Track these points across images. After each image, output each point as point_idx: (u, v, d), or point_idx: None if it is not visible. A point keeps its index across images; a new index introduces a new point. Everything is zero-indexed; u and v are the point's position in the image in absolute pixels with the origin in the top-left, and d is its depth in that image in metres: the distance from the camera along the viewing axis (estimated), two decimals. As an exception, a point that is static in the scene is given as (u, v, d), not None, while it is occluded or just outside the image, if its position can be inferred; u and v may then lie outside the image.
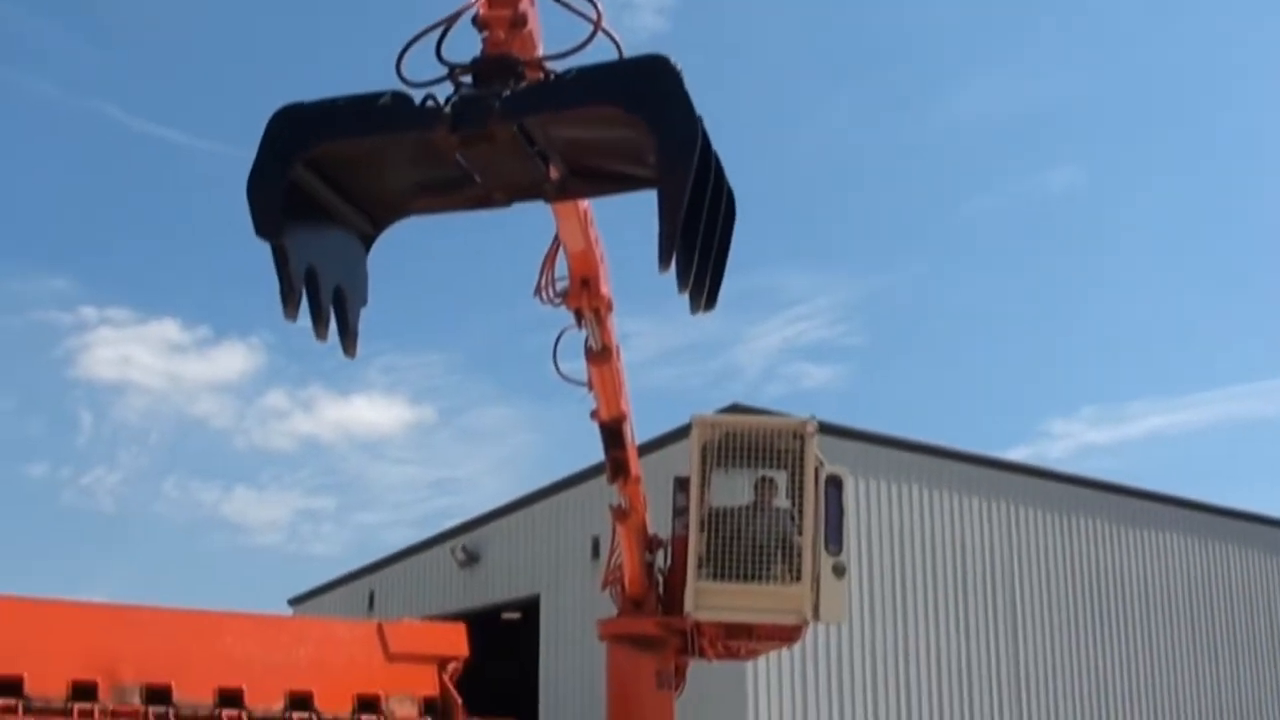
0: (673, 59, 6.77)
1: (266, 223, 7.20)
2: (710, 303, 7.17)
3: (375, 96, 7.28)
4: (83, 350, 79.48)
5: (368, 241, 8.02)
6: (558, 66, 7.11)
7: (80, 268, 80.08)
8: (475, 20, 7.55)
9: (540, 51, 7.63)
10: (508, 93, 7.08)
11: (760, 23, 69.76)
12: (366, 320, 7.95)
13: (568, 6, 7.61)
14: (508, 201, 7.67)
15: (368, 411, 74.44)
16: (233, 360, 75.34)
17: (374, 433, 74.83)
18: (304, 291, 7.38)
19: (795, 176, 67.74)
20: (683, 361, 65.05)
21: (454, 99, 7.19)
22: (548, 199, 7.76)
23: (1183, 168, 70.26)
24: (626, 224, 7.04)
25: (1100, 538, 37.01)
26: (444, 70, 7.37)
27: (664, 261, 6.71)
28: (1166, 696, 37.39)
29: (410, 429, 73.26)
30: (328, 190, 7.59)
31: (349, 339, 7.80)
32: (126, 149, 73.34)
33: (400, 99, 7.20)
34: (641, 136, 6.76)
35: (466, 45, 7.51)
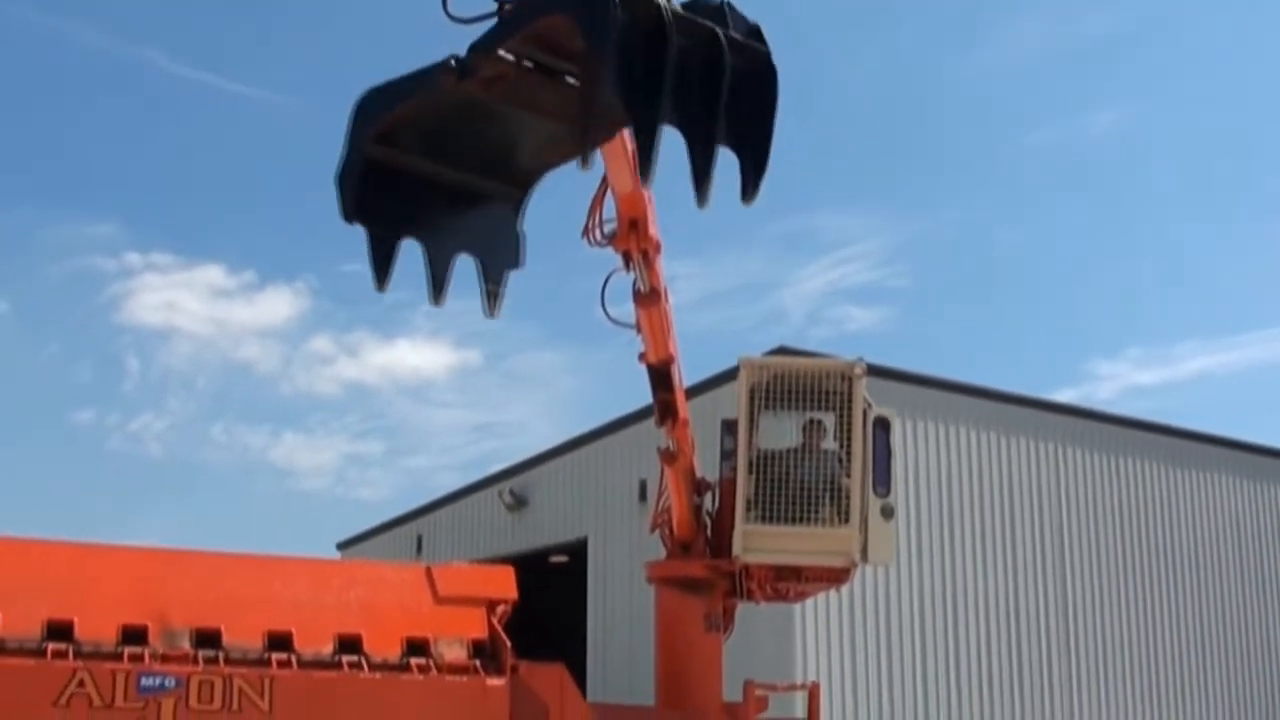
0: None
1: (348, 206, 7.58)
2: (747, 194, 7.23)
3: (427, 68, 7.50)
4: (127, 296, 79.82)
5: (516, 206, 8.34)
6: None
7: (124, 214, 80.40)
8: None
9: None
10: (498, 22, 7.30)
11: (804, -37, 69.31)
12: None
13: None
14: (598, 142, 7.78)
15: (412, 355, 74.68)
16: (278, 305, 75.60)
17: (418, 377, 75.07)
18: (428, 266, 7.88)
19: (839, 119, 67.40)
20: (728, 304, 65.00)
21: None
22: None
23: (1228, 105, 69.60)
24: (673, 165, 6.98)
25: (1147, 478, 36.86)
26: (493, 5, 7.41)
27: (585, 155, 6.89)
28: (1215, 636, 37.27)
29: (455, 373, 73.49)
30: (453, 169, 7.89)
31: (492, 299, 8.16)
32: (171, 96, 73.50)
33: (440, 64, 7.40)
34: None
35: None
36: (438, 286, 8.35)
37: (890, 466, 15.63)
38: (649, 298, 12.53)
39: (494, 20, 7.41)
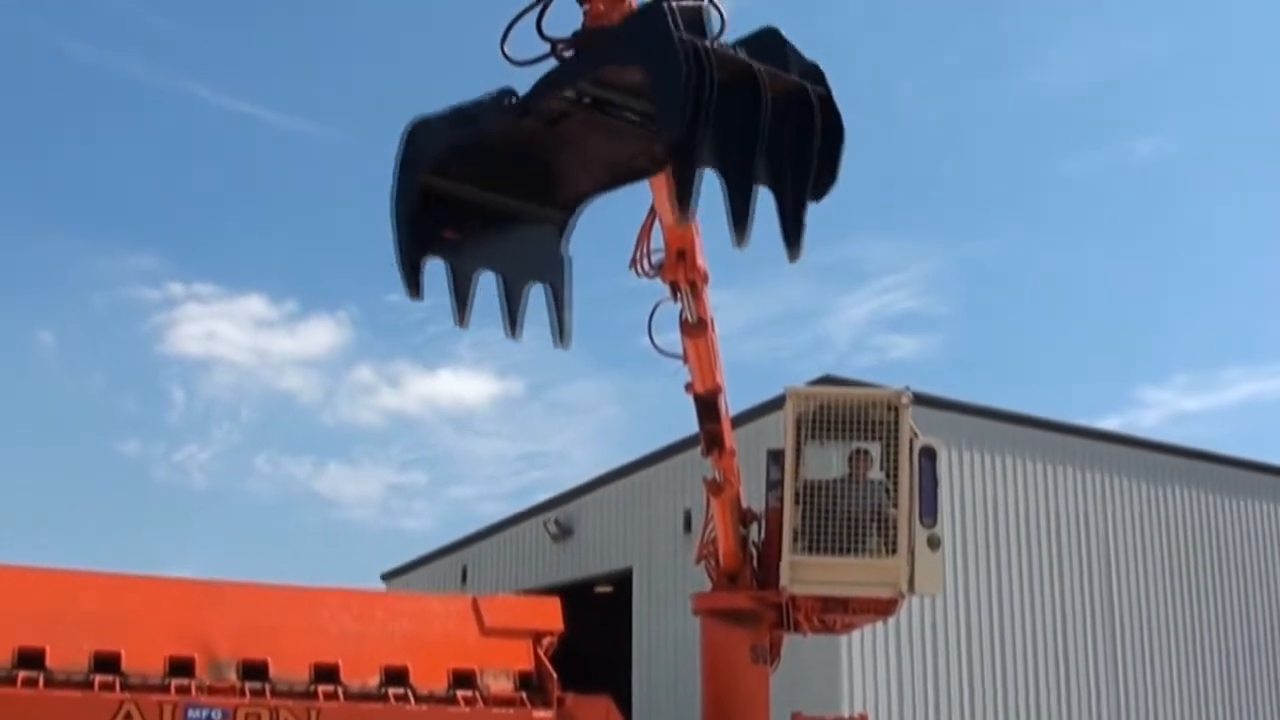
0: (669, 4, 6.82)
1: (406, 249, 7.60)
2: (792, 251, 7.21)
3: (479, 100, 7.49)
4: (170, 326, 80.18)
5: (561, 231, 8.37)
6: None
7: (167, 244, 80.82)
8: None
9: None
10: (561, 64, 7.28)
11: (846, -9, 69.37)
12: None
13: None
14: (658, 167, 7.77)
15: (454, 385, 74.74)
16: (320, 335, 75.73)
17: (461, 406, 75.12)
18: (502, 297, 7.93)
19: (880, 146, 67.32)
20: (772, 333, 64.90)
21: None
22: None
23: (1271, 131, 69.26)
24: (716, 197, 6.98)
25: (1195, 507, 36.63)
26: (546, 47, 7.42)
27: (683, 209, 6.92)
28: (1266, 666, 36.97)
29: (498, 402, 73.53)
30: (501, 196, 7.92)
31: (562, 330, 8.20)
32: (214, 127, 73.85)
33: (494, 97, 7.38)
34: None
35: (569, 19, 7.54)
36: (513, 319, 8.37)
37: (937, 496, 15.55)
38: (696, 328, 12.51)
39: (548, 59, 7.45)
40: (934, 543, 15.31)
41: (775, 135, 6.98)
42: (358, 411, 75.05)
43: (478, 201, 8.08)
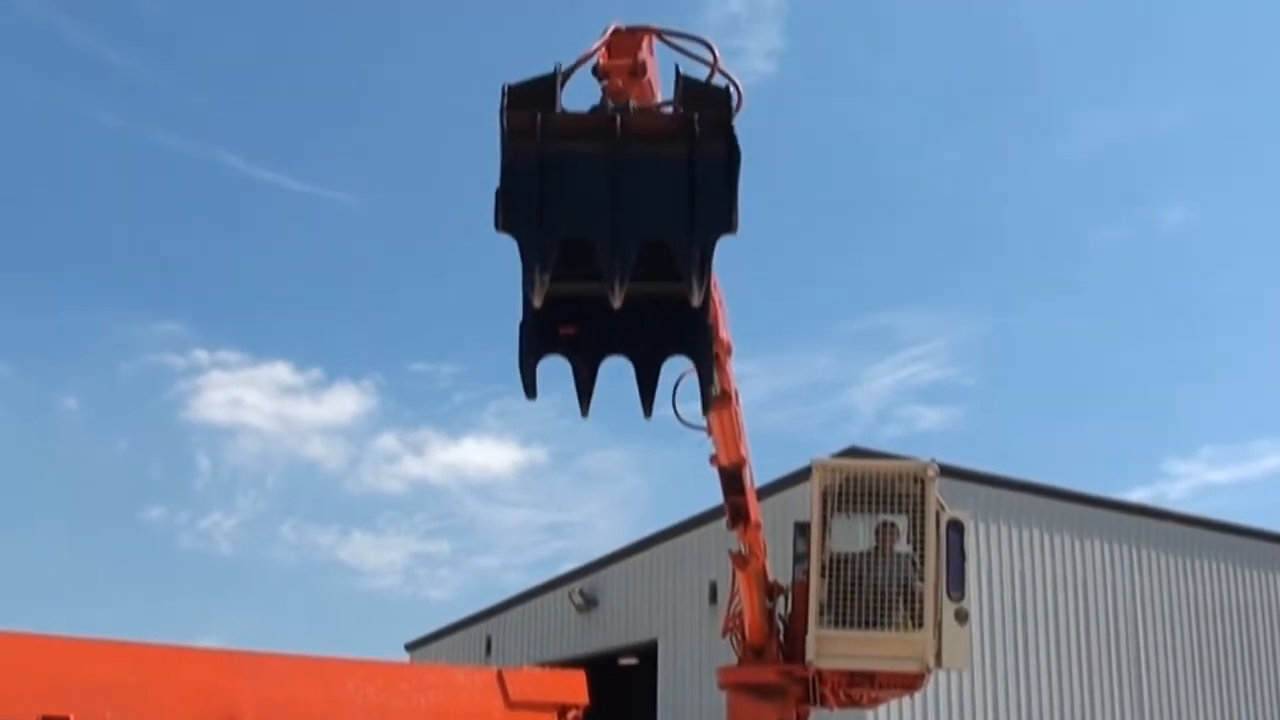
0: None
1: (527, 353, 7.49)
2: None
3: None
4: (194, 393, 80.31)
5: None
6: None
7: (193, 311, 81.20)
8: (595, 70, 7.54)
9: (659, 98, 7.60)
10: None
11: (870, 62, 69.72)
12: (499, 368, 8.18)
13: (685, 53, 7.61)
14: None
15: (478, 453, 74.74)
16: (345, 403, 75.84)
17: (485, 475, 75.10)
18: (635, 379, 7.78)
19: (906, 217, 67.43)
20: (796, 403, 64.81)
21: None
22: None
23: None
24: (742, 267, 6.97)
25: (1224, 580, 36.43)
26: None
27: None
28: (1296, 742, 36.70)
29: (522, 472, 73.52)
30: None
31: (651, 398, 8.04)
32: (242, 196, 74.28)
33: None
34: None
35: (587, 92, 7.52)
36: (646, 398, 8.11)
37: (964, 570, 15.47)
38: (720, 400, 12.45)
39: None
40: (961, 616, 15.22)
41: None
42: (382, 480, 75.12)
43: (590, 293, 7.77)
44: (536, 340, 7.57)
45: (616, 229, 6.83)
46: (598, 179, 6.82)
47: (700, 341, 7.86)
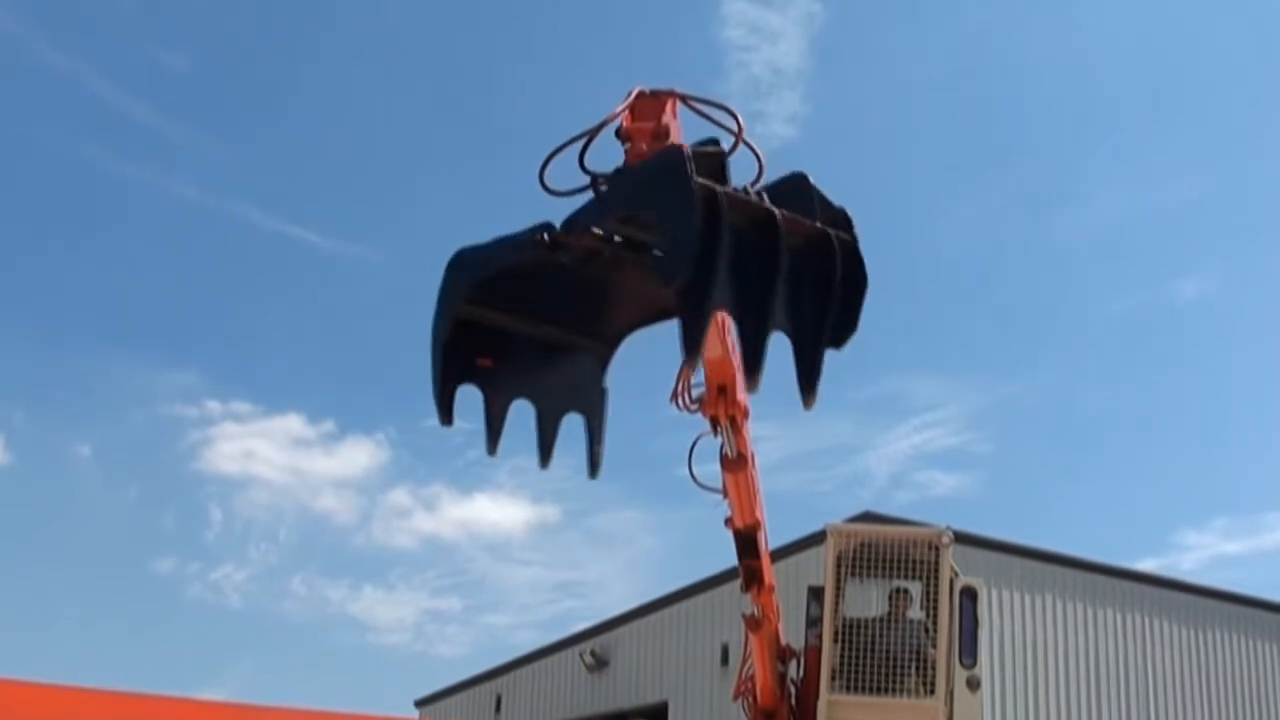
0: (686, 150, 6.86)
1: (441, 377, 7.69)
2: (808, 399, 7.17)
3: (519, 233, 7.54)
4: (206, 444, 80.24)
5: (603, 364, 8.39)
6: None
7: (206, 362, 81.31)
8: (618, 132, 7.61)
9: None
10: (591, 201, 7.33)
11: (888, 129, 69.84)
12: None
13: (708, 119, 7.68)
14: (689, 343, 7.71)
15: (491, 510, 74.64)
16: (357, 456, 75.76)
17: (497, 532, 74.95)
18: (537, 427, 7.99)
19: (924, 284, 67.47)
20: (812, 466, 64.61)
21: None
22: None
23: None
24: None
25: (1236, 651, 36.27)
26: (586, 179, 7.47)
27: (689, 356, 6.89)
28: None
29: (534, 530, 73.30)
30: (538, 326, 7.98)
31: (596, 461, 8.24)
32: (259, 247, 74.47)
33: (529, 231, 7.45)
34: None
35: (610, 154, 7.59)
36: (546, 449, 8.39)
37: (977, 637, 15.47)
38: (736, 463, 12.47)
39: (587, 190, 7.49)
40: (973, 684, 15.22)
41: (794, 281, 6.97)
42: (393, 535, 74.93)
43: (515, 331, 8.11)
44: (452, 365, 7.82)
45: (758, 314, 6.96)
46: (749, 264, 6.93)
47: (596, 405, 8.19)
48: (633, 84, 8.07)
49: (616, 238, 7.47)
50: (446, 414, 7.96)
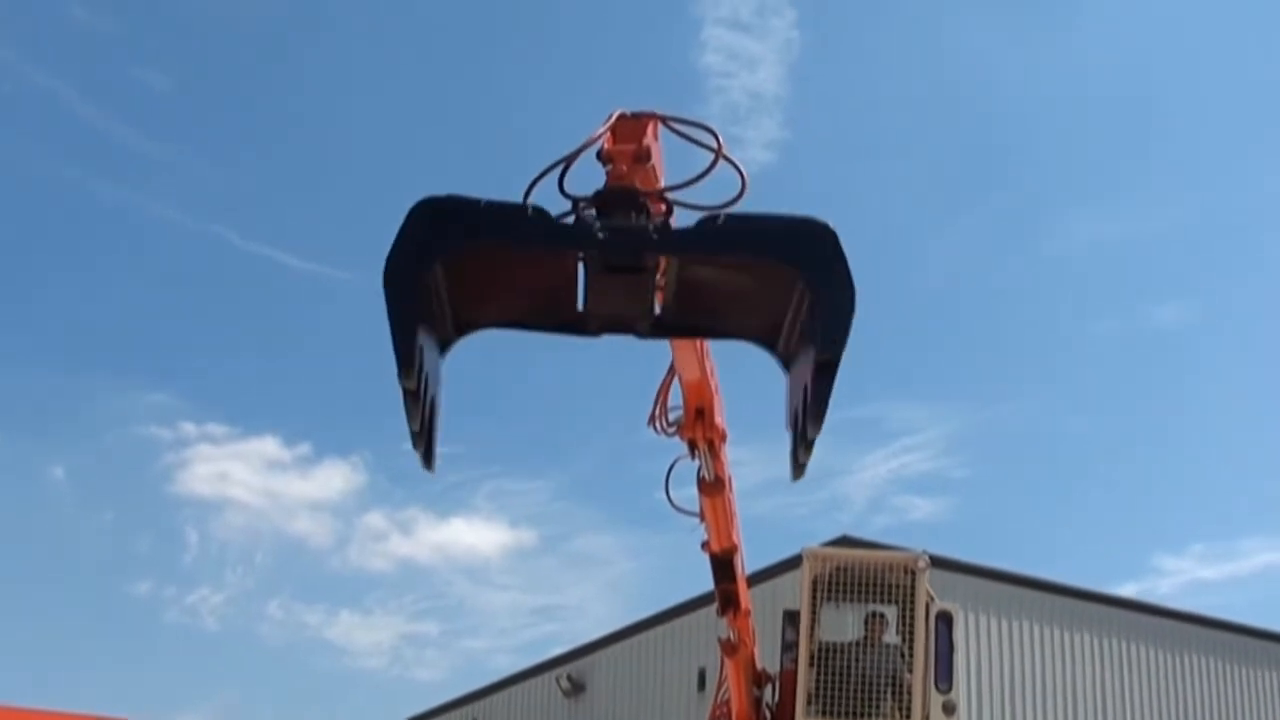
0: (830, 224, 6.70)
1: (404, 344, 6.81)
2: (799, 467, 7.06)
3: (521, 207, 7.08)
4: (181, 466, 79.94)
5: (444, 347, 7.51)
6: (680, 196, 7.06)
7: (181, 383, 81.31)
8: (599, 154, 7.60)
9: (663, 183, 7.61)
10: (661, 226, 6.95)
11: (867, 154, 70.06)
12: (494, 450, 8.02)
13: (688, 138, 7.66)
14: (599, 331, 7.47)
15: (467, 534, 74.58)
16: (333, 479, 75.61)
17: (474, 556, 74.87)
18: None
19: (902, 309, 67.59)
20: (789, 491, 64.61)
21: (600, 226, 7.12)
22: (641, 334, 7.55)
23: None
24: (737, 353, 6.96)
25: (1213, 676, 36.35)
26: (567, 204, 7.43)
27: (810, 431, 6.68)
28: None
29: (511, 554, 73.24)
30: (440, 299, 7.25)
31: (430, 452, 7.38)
32: (238, 270, 74.34)
33: (547, 215, 7.00)
34: (766, 291, 6.74)
35: (589, 177, 7.57)
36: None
37: (953, 661, 15.48)
38: (714, 486, 12.46)
39: (568, 215, 7.42)
40: (949, 709, 15.22)
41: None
42: (369, 558, 74.76)
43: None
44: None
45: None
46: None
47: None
48: (613, 110, 8.08)
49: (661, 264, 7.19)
50: (409, 365, 6.89)
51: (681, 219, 6.86)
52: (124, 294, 73.81)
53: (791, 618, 15.60)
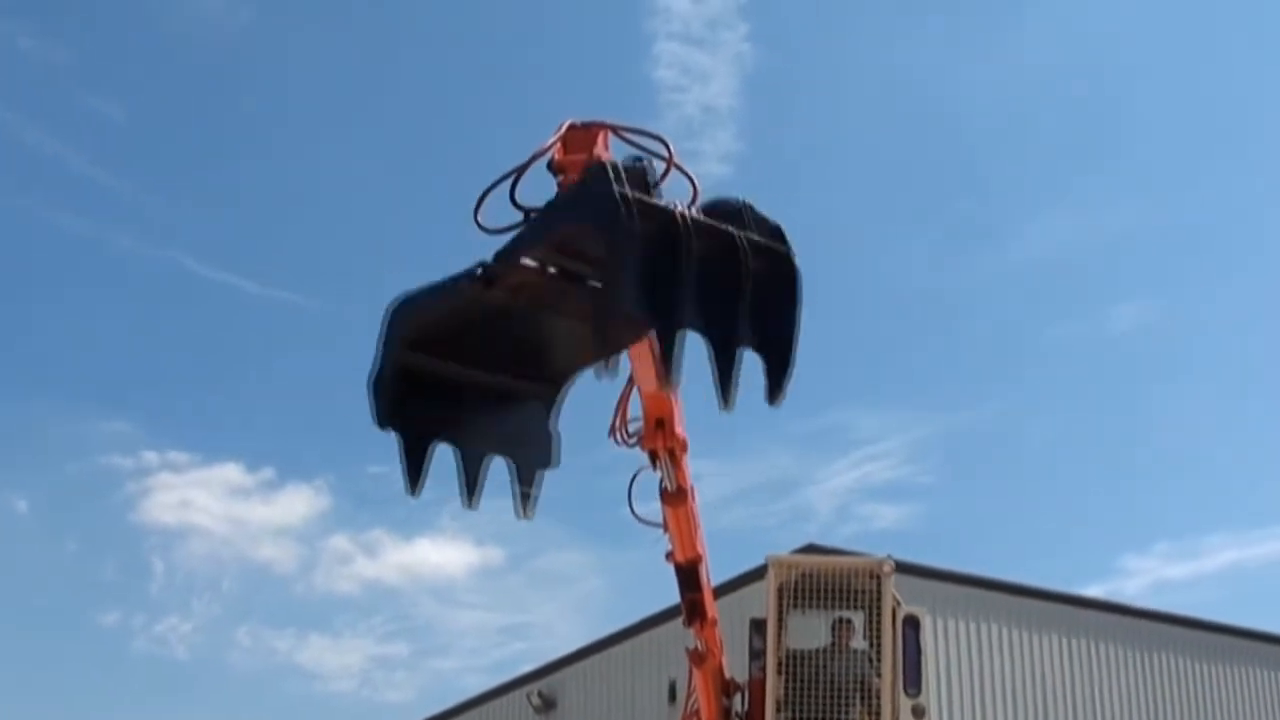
0: (610, 166, 6.82)
1: (381, 412, 7.56)
2: (772, 396, 7.11)
3: (457, 274, 7.46)
4: (143, 495, 79.58)
5: (549, 406, 8.12)
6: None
7: (141, 411, 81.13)
8: (550, 165, 7.62)
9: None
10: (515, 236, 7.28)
11: (823, 164, 70.22)
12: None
13: (639, 148, 7.68)
14: (611, 349, 7.65)
15: (433, 554, 74.38)
16: (296, 504, 75.36)
17: (440, 576, 74.69)
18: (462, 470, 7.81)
19: (866, 316, 67.73)
20: (754, 501, 64.75)
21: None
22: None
23: (1251, 299, 69.79)
24: (698, 363, 6.97)
25: (1181, 673, 36.43)
26: (519, 215, 7.46)
27: (606, 362, 6.89)
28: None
29: (478, 573, 73.09)
30: (484, 371, 7.85)
31: (525, 501, 8.06)
32: (197, 297, 74.12)
33: (468, 270, 7.37)
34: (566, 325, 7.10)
35: (542, 187, 7.59)
36: (471, 489, 8.19)
37: (921, 666, 15.50)
38: (676, 497, 12.47)
39: (520, 228, 7.45)
40: (919, 713, 15.24)
41: (706, 283, 6.90)
42: (335, 581, 74.53)
43: (457, 377, 7.98)
44: (393, 411, 7.70)
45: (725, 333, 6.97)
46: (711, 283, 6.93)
47: (543, 449, 8.11)
48: (563, 120, 8.08)
49: (551, 269, 7.41)
50: (414, 482, 7.92)
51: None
52: (81, 322, 73.64)
53: (759, 626, 15.60)
